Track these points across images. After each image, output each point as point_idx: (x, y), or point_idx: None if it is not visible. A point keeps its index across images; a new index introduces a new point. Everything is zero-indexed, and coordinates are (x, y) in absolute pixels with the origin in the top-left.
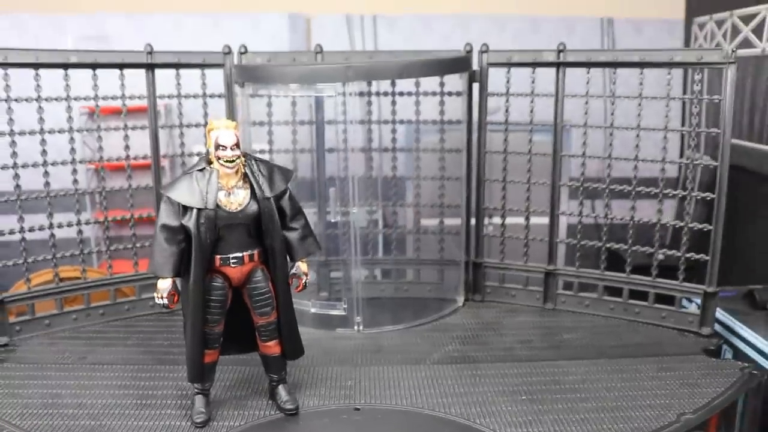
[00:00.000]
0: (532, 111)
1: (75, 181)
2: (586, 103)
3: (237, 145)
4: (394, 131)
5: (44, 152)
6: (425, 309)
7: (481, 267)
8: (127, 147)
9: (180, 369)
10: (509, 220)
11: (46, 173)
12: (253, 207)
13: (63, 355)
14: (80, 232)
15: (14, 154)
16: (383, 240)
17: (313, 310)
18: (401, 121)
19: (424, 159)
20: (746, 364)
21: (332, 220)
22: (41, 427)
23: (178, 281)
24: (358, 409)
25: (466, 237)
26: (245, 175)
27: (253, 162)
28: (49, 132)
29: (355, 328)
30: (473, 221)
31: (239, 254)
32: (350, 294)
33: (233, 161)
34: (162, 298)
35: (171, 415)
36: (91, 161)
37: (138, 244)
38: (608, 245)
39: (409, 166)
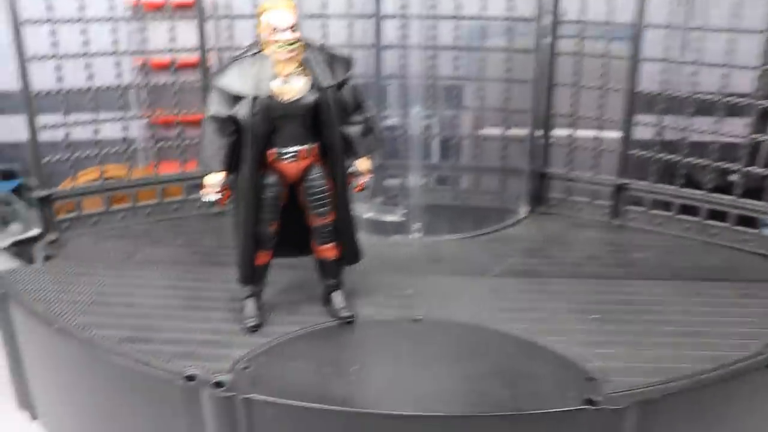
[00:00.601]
0: (608, 11)
1: (119, 75)
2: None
3: (294, 27)
4: (457, 28)
5: (86, 43)
6: (485, 219)
7: (545, 177)
8: (172, 40)
9: (229, 271)
10: (577, 132)
11: (89, 66)
12: (312, 97)
13: (110, 253)
14: (126, 128)
15: (55, 45)
16: (442, 145)
17: (368, 216)
18: (466, 17)
19: (490, 60)
20: None
21: (390, 123)
22: (90, 324)
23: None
24: (418, 320)
25: (532, 145)
26: (303, 62)
27: (313, 47)
28: (90, 20)
29: (412, 235)
30: (539, 129)
31: (295, 149)
32: (407, 200)
33: (291, 45)
34: (212, 194)
35: (220, 318)
36: (135, 55)
37: (185, 142)
38: (687, 160)
39: (472, 68)
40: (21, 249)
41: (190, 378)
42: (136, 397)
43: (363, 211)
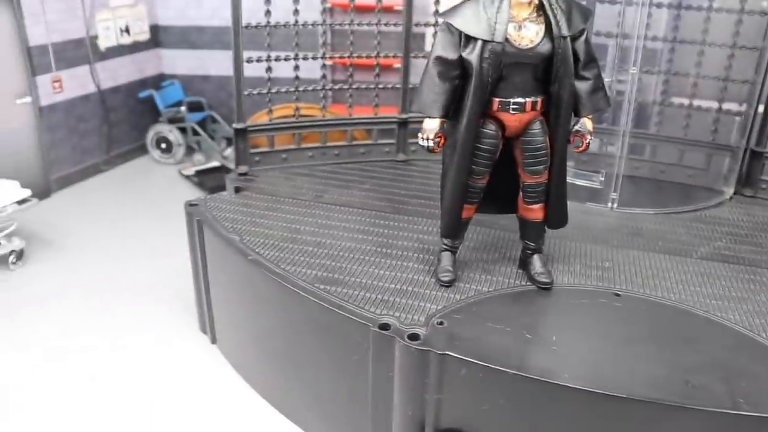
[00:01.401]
0: None
1: (323, 12)
2: None
3: None
4: None
5: None
6: (687, 196)
7: (761, 157)
8: None
9: (420, 221)
10: None
11: (296, 1)
12: (546, 45)
13: (300, 190)
14: (324, 66)
15: None
16: (645, 113)
17: None
18: None
19: (715, 21)
20: None
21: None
22: (283, 259)
23: (445, 123)
24: (619, 295)
25: (751, 119)
26: (540, 8)
27: None
28: None
29: (609, 204)
30: (759, 103)
31: (521, 99)
32: (605, 167)
33: None
34: (428, 139)
35: (413, 269)
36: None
37: (380, 86)
38: None
39: (689, 30)
40: (202, 178)
41: (385, 327)
42: (323, 338)
43: None
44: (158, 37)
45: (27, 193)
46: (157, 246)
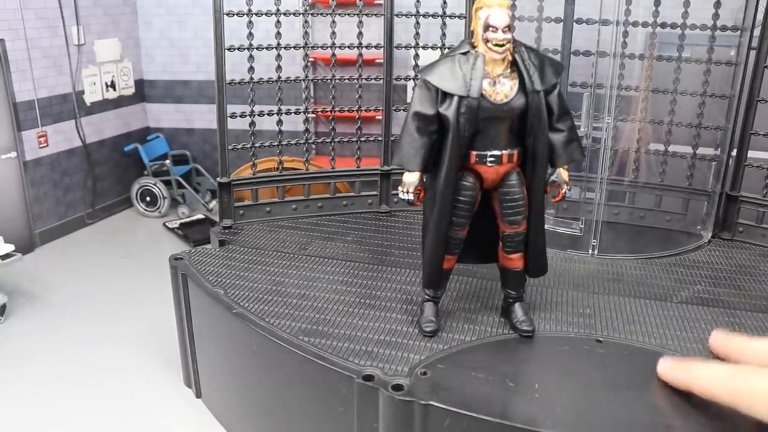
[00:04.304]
0: None
1: (306, 67)
2: None
3: (509, 27)
4: (654, 36)
5: (278, 34)
6: (665, 241)
7: (735, 201)
8: (360, 34)
9: (403, 272)
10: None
11: (279, 56)
12: (520, 100)
13: (284, 243)
14: (307, 120)
15: (251, 35)
16: (619, 159)
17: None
18: (664, 25)
19: (685, 70)
20: None
21: (583, 132)
22: (268, 312)
23: (424, 177)
24: (601, 342)
25: (724, 164)
26: (513, 64)
27: (523, 49)
28: (284, 14)
29: (589, 251)
30: (732, 148)
31: (497, 152)
32: (586, 214)
33: (503, 45)
34: (408, 193)
35: (397, 320)
36: (320, 50)
37: (363, 139)
38: None
39: (660, 79)
40: (187, 231)
41: (368, 378)
42: (308, 391)
43: None
44: (143, 91)
45: (10, 248)
46: (141, 300)
